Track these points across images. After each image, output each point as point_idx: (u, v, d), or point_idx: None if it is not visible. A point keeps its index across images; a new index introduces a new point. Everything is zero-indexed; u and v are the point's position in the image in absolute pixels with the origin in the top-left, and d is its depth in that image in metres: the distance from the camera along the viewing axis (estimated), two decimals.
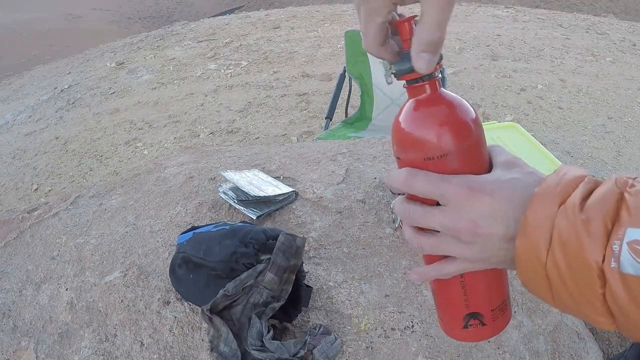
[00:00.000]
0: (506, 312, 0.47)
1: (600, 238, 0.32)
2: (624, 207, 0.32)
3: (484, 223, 0.38)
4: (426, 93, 0.40)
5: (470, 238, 0.38)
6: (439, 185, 0.39)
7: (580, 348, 1.13)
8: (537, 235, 0.35)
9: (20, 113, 4.68)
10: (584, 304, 0.34)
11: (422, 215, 0.41)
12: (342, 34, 2.96)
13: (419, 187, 0.40)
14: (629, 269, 0.30)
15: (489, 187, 0.38)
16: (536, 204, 0.35)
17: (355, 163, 1.38)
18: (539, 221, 0.35)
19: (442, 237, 0.40)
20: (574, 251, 0.33)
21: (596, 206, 0.33)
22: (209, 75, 4.76)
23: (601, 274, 0.32)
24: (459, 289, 0.44)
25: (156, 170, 1.47)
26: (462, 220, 0.38)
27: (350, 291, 0.98)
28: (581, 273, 0.33)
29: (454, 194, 0.38)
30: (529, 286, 0.38)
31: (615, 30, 5.80)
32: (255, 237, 0.88)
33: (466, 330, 0.46)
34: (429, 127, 0.39)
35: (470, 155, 0.40)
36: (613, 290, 0.32)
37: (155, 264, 1.06)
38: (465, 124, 0.39)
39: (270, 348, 0.80)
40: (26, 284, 1.10)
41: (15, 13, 12.64)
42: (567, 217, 0.34)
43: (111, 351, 0.91)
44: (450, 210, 0.39)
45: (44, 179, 3.47)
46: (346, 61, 2.66)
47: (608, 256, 0.31)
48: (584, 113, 3.69)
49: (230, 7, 13.79)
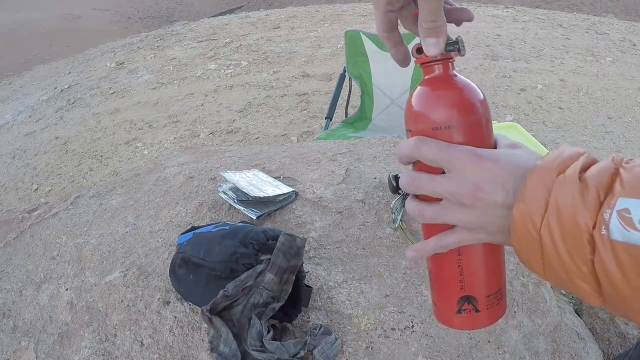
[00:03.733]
0: (501, 303, 0.47)
1: (593, 206, 0.34)
2: (618, 180, 0.34)
3: (487, 187, 0.39)
4: (436, 72, 0.44)
5: (471, 201, 0.40)
6: (446, 150, 0.41)
7: (580, 348, 1.13)
8: (534, 202, 0.37)
9: (20, 113, 4.68)
10: (573, 271, 0.35)
11: (428, 181, 0.42)
12: (342, 34, 2.96)
13: (427, 152, 0.42)
14: (617, 235, 0.32)
15: (494, 156, 0.41)
16: (536, 174, 0.37)
17: (355, 163, 1.37)
18: (537, 189, 0.37)
19: (444, 203, 0.42)
20: (568, 216, 0.35)
21: (592, 177, 0.35)
22: (209, 75, 4.76)
23: (591, 239, 0.34)
24: (455, 267, 0.45)
25: (156, 170, 1.47)
26: (466, 183, 0.40)
27: (350, 291, 0.98)
28: (572, 238, 0.34)
29: (460, 159, 0.40)
30: (522, 254, 0.39)
31: (615, 30, 5.80)
32: (255, 237, 0.88)
33: (459, 315, 0.46)
34: (437, 99, 0.43)
35: (476, 130, 0.42)
36: (602, 256, 0.33)
37: (155, 264, 1.06)
38: (472, 100, 0.43)
39: (270, 348, 0.80)
40: (26, 284, 1.10)
41: (15, 13, 12.64)
42: (564, 186, 0.36)
43: (111, 351, 0.91)
44: (454, 176, 0.41)
45: (44, 179, 3.47)
46: (346, 61, 2.66)
47: (599, 223, 0.33)
48: (584, 113, 3.69)
49: (230, 7, 13.80)
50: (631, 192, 0.33)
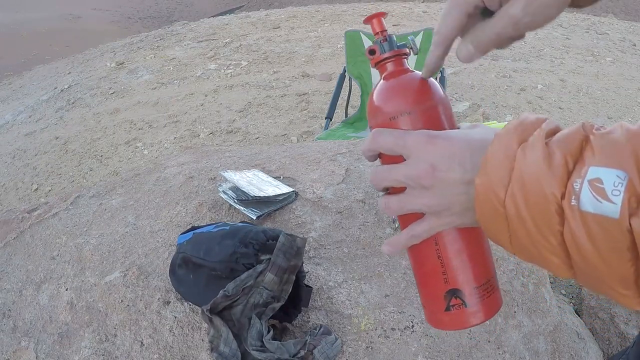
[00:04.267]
0: (493, 296, 0.45)
1: (561, 174, 0.32)
2: (589, 147, 0.32)
3: (442, 165, 0.39)
4: (391, 68, 0.46)
5: (429, 182, 0.40)
6: (400, 136, 0.41)
7: (580, 348, 1.13)
8: (496, 173, 0.35)
9: (20, 113, 4.68)
10: (541, 244, 0.34)
11: (388, 171, 0.43)
12: (342, 34, 2.96)
13: (383, 142, 0.42)
14: (588, 206, 0.30)
15: (448, 135, 0.40)
16: (496, 143, 0.36)
17: (355, 163, 1.37)
18: (499, 159, 0.35)
19: (408, 191, 0.42)
20: (533, 186, 0.33)
21: (559, 144, 0.33)
22: (209, 75, 4.76)
23: (560, 210, 0.32)
24: (435, 259, 0.44)
25: (156, 170, 1.47)
26: (421, 164, 0.40)
27: (350, 291, 0.98)
28: (539, 209, 0.33)
29: (413, 142, 0.40)
30: (488, 228, 0.38)
31: (615, 30, 5.81)
32: (255, 237, 0.88)
33: (449, 313, 0.44)
34: (392, 90, 0.45)
35: (431, 116, 0.43)
36: (572, 227, 0.31)
37: (155, 264, 1.06)
38: (425, 87, 0.44)
39: (270, 348, 0.80)
40: (26, 284, 1.10)
41: (15, 13, 12.64)
42: (528, 153, 0.34)
43: (111, 351, 0.91)
44: (411, 160, 0.41)
45: (44, 179, 3.47)
46: (346, 61, 2.66)
47: (568, 193, 0.31)
48: (584, 113, 3.69)
49: (230, 7, 13.80)
50: (603, 160, 0.31)
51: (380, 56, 0.46)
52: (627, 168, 0.30)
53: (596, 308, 1.40)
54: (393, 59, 0.46)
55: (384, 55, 0.46)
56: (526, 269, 1.09)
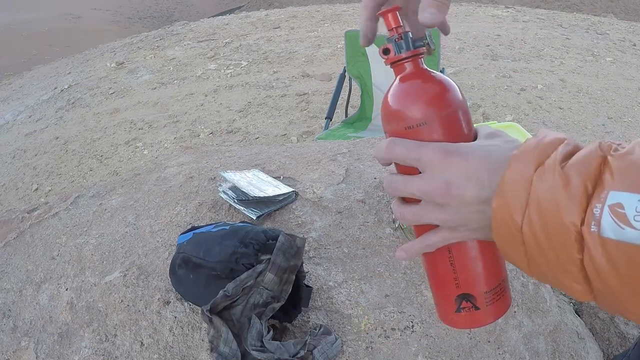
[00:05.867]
0: (503, 298, 0.46)
1: (580, 200, 0.31)
2: (607, 170, 0.31)
3: (457, 183, 0.38)
4: (407, 70, 0.44)
5: (443, 200, 0.39)
6: (415, 149, 0.40)
7: (580, 348, 1.13)
8: (513, 196, 0.34)
9: (20, 113, 4.68)
10: (560, 271, 0.33)
11: (403, 183, 0.42)
12: (342, 34, 2.96)
13: (398, 153, 0.41)
14: (609, 233, 0.29)
15: (464, 151, 0.39)
16: (513, 166, 0.35)
17: (355, 163, 1.37)
18: (516, 182, 0.34)
19: (422, 204, 0.41)
20: (551, 213, 0.32)
21: (577, 167, 0.32)
22: (209, 75, 4.76)
23: (579, 237, 0.31)
24: (448, 265, 0.44)
25: (156, 170, 1.47)
26: (436, 182, 0.39)
27: (350, 291, 0.98)
28: (558, 236, 0.32)
29: (429, 157, 0.39)
30: (505, 251, 0.38)
31: (615, 30, 5.81)
32: (255, 237, 0.88)
33: (459, 314, 0.45)
34: (407, 97, 0.42)
35: (449, 125, 0.41)
36: (592, 255, 0.30)
37: (155, 264, 1.06)
38: (442, 94, 0.42)
39: (270, 348, 0.80)
40: (26, 284, 1.10)
41: (15, 13, 12.64)
42: (545, 178, 0.33)
43: (111, 351, 0.91)
44: (426, 175, 0.40)
45: (44, 179, 3.47)
46: (346, 61, 2.66)
47: (588, 220, 0.30)
48: (584, 113, 3.69)
49: (230, 7, 13.80)
50: (623, 184, 0.30)
51: (396, 57, 0.43)
52: None
53: (596, 308, 1.40)
54: (410, 60, 0.43)
55: (400, 55, 0.43)
56: None
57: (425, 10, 0.41)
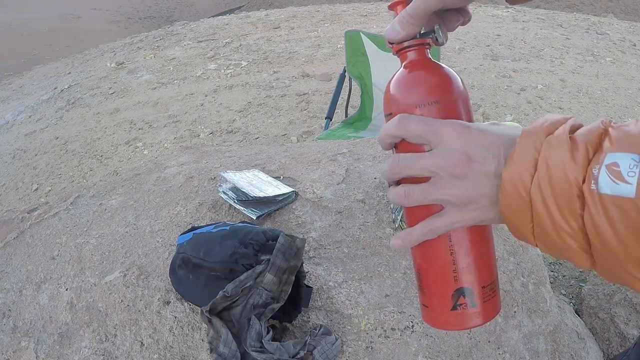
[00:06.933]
0: (495, 297, 0.45)
1: (582, 162, 0.34)
2: (607, 138, 0.34)
3: (478, 156, 0.39)
4: (414, 57, 0.45)
5: (464, 171, 0.39)
6: (433, 123, 0.40)
7: (580, 348, 1.13)
8: (523, 163, 0.36)
9: (20, 113, 4.68)
10: (563, 229, 0.35)
11: (414, 160, 0.41)
12: (342, 34, 2.95)
13: (412, 128, 0.41)
14: (606, 189, 0.32)
15: (481, 127, 0.40)
16: (524, 137, 0.37)
17: (355, 163, 1.37)
18: (526, 150, 0.37)
19: (434, 180, 0.40)
20: (558, 173, 0.34)
21: (581, 136, 0.35)
22: (209, 75, 4.76)
23: (581, 194, 0.33)
24: (447, 256, 0.43)
25: (156, 170, 1.47)
26: (456, 153, 0.39)
27: (350, 291, 0.98)
28: (563, 193, 0.34)
29: (447, 131, 0.40)
30: (511, 219, 0.38)
31: (615, 30, 5.81)
32: (255, 238, 0.88)
33: (455, 312, 0.43)
34: (418, 78, 0.43)
35: (459, 107, 0.43)
36: (591, 210, 0.33)
37: (155, 264, 1.06)
38: (452, 78, 0.44)
39: (269, 349, 0.80)
40: (26, 284, 1.10)
41: (15, 13, 12.64)
42: (553, 144, 0.35)
43: (111, 351, 0.91)
44: (442, 149, 0.40)
45: (44, 179, 3.47)
46: (346, 61, 2.66)
47: (588, 178, 0.33)
48: (584, 113, 3.69)
49: (230, 7, 13.81)
50: (619, 146, 0.33)
51: (402, 44, 0.44)
52: None
53: (596, 308, 1.40)
54: (415, 48, 0.44)
55: (403, 44, 0.44)
56: (526, 269, 1.09)
57: (391, 27, 0.43)
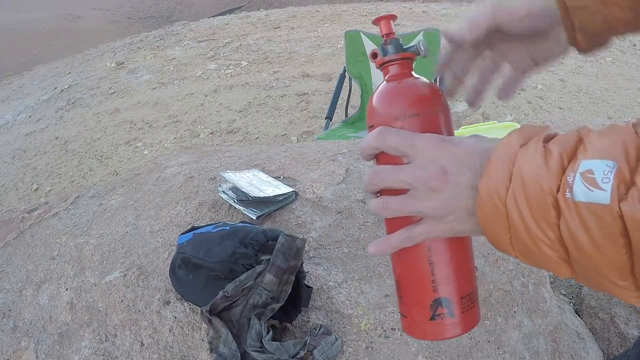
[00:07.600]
0: (475, 307, 0.45)
1: (557, 171, 0.34)
2: (582, 146, 0.34)
3: (453, 168, 0.39)
4: (397, 70, 0.46)
5: (439, 185, 0.39)
6: (410, 137, 0.41)
7: (580, 348, 1.13)
8: (498, 173, 0.36)
9: (20, 113, 4.68)
10: (540, 240, 0.35)
11: (392, 171, 0.42)
12: (342, 34, 2.95)
13: (391, 140, 0.42)
14: (581, 196, 0.32)
15: (457, 140, 0.41)
16: (499, 149, 0.38)
17: (355, 163, 1.37)
18: (501, 161, 0.37)
19: (412, 192, 0.41)
20: (532, 183, 0.34)
21: (556, 145, 0.35)
22: (209, 75, 4.76)
23: (556, 203, 0.33)
24: (426, 265, 0.43)
25: (156, 170, 1.47)
26: (432, 167, 0.40)
27: (350, 291, 0.98)
28: (537, 203, 0.34)
29: (423, 144, 0.41)
30: (488, 229, 0.39)
31: None
32: (255, 238, 0.88)
33: (433, 322, 0.43)
34: (399, 91, 0.44)
35: (438, 120, 0.44)
36: (567, 219, 0.33)
37: (155, 264, 1.06)
38: (432, 92, 0.44)
39: (269, 349, 0.80)
40: (26, 284, 1.10)
41: (15, 13, 12.64)
42: (527, 154, 0.35)
43: (111, 351, 0.91)
44: (420, 162, 0.41)
45: (44, 179, 3.47)
46: (346, 61, 2.66)
47: (563, 187, 0.33)
48: (584, 113, 3.69)
49: (230, 7, 13.80)
50: (593, 153, 0.32)
51: (382, 59, 0.46)
52: (616, 157, 0.31)
53: (596, 308, 1.40)
54: (397, 62, 0.46)
55: (385, 58, 0.46)
56: (526, 269, 1.09)
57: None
